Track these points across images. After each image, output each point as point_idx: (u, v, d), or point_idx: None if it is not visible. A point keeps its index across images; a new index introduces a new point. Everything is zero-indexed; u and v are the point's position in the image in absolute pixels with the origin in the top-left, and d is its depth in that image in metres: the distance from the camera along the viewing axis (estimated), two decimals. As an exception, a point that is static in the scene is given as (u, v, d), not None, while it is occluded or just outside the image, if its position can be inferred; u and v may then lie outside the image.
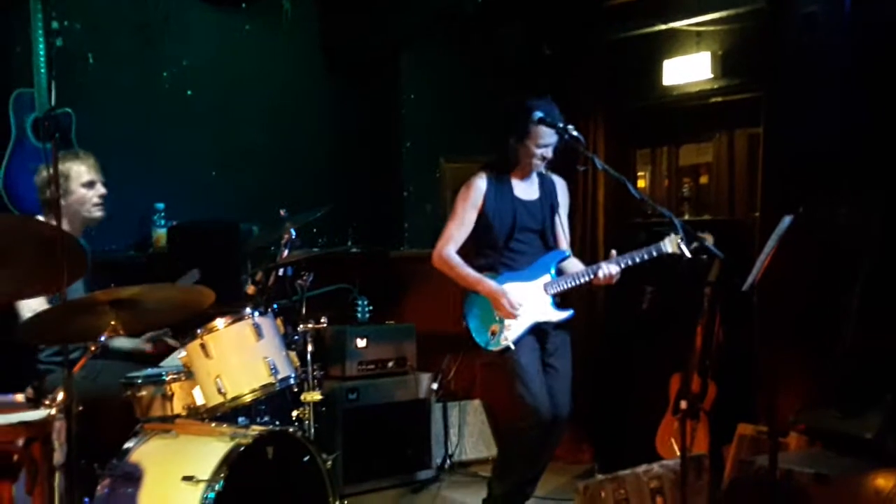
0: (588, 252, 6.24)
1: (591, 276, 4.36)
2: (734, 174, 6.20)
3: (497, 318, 4.41)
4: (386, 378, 5.70)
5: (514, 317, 4.35)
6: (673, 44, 6.00)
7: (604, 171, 4.21)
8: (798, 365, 4.97)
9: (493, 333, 4.38)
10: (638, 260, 4.32)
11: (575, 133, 4.20)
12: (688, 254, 3.91)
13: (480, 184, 4.46)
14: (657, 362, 5.65)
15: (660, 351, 5.67)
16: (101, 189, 4.35)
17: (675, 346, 5.27)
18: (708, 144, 6.40)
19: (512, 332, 4.38)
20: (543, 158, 4.41)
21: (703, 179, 6.50)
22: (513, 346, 4.37)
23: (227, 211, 5.69)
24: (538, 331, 4.43)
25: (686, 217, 6.18)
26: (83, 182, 4.30)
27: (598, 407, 6.10)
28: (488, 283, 4.40)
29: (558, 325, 4.51)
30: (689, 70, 5.90)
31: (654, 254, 4.27)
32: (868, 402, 4.40)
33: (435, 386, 5.82)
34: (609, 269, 4.31)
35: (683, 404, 3.95)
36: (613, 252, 4.35)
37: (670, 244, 4.22)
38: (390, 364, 5.75)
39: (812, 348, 4.93)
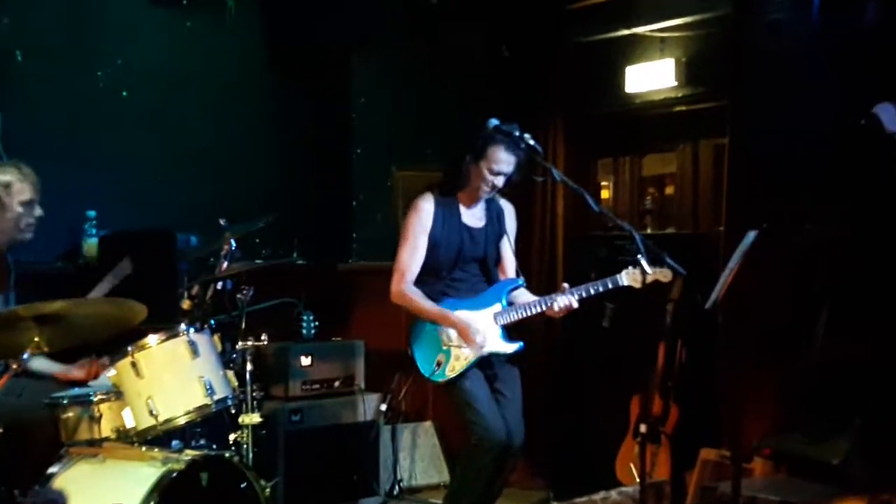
0: (547, 266, 6.25)
1: (546, 307, 4.36)
2: (698, 186, 6.24)
3: (443, 349, 4.40)
4: (332, 398, 5.67)
5: (478, 348, 4.34)
6: (636, 49, 6.03)
7: (563, 183, 4.20)
8: (763, 386, 5.00)
9: (439, 364, 4.38)
10: (592, 292, 4.32)
11: (532, 142, 4.19)
12: (649, 272, 3.91)
13: (427, 206, 4.43)
14: (617, 383, 5.66)
15: (620, 371, 5.69)
16: (38, 211, 4.30)
17: (636, 365, 5.30)
18: (672, 154, 6.44)
19: (459, 363, 4.38)
20: (493, 187, 4.39)
21: (669, 190, 6.54)
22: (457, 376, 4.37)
23: (163, 220, 5.63)
24: (484, 361, 4.43)
25: (648, 231, 6.20)
26: (22, 200, 4.25)
27: (553, 430, 6.08)
28: (454, 315, 4.39)
29: (509, 359, 4.50)
30: (652, 77, 5.93)
31: (610, 286, 4.28)
32: (835, 425, 4.42)
33: (384, 407, 5.79)
34: (567, 299, 4.31)
35: (644, 427, 3.96)
36: (565, 285, 4.35)
37: (627, 277, 4.23)
38: (337, 383, 5.72)
39: (778, 369, 4.97)
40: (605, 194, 6.86)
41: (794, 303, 4.89)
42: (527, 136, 4.23)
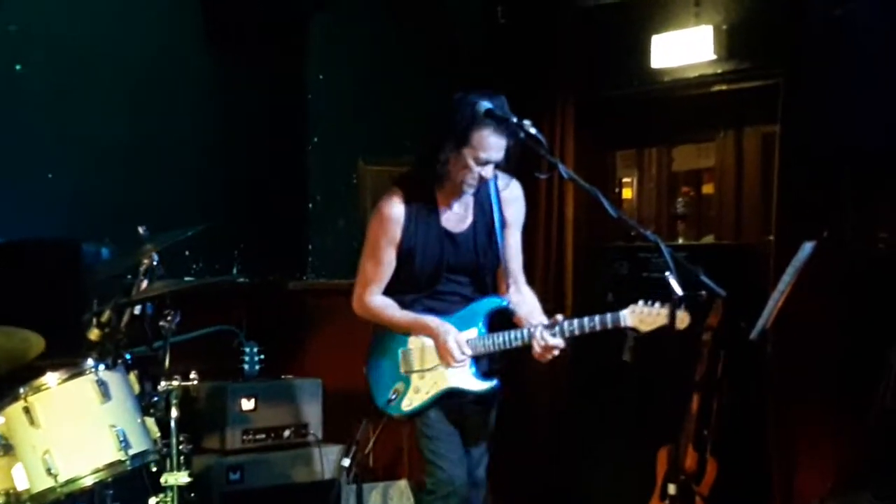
0: (553, 285, 6.25)
1: (523, 341, 4.32)
2: (742, 185, 6.24)
3: (402, 376, 4.39)
4: (281, 452, 5.66)
5: (453, 363, 4.31)
6: (664, 15, 6.03)
7: (571, 181, 4.16)
8: (823, 436, 5.01)
9: (396, 393, 4.37)
10: (587, 330, 4.28)
11: (533, 131, 4.14)
12: (678, 290, 3.88)
13: (396, 212, 4.38)
14: (639, 431, 5.65)
15: (643, 416, 5.67)
16: None
17: (664, 410, 5.29)
18: (709, 145, 6.44)
19: (418, 396, 4.37)
20: (481, 180, 4.35)
21: (707, 189, 6.54)
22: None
23: (66, 226, 5.61)
24: (451, 398, 4.40)
25: (680, 240, 6.19)
26: None
27: (558, 489, 6.07)
28: (428, 320, 4.36)
29: (478, 401, 4.46)
30: (684, 49, 5.92)
31: (609, 325, 4.23)
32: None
33: (347, 462, 5.72)
34: (547, 339, 4.26)
35: (673, 488, 3.93)
36: (559, 317, 4.30)
37: (631, 317, 4.19)
38: (287, 433, 5.72)
39: (842, 414, 4.98)
40: (627, 194, 6.88)
41: (862, 332, 4.88)
42: (527, 122, 4.19)
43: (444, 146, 4.28)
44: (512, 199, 4.51)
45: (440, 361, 4.35)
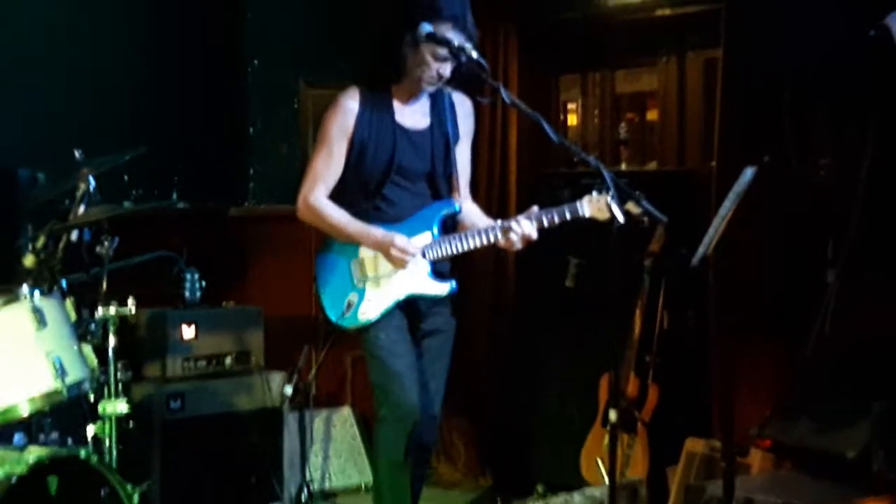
0: (497, 210, 6.21)
1: (494, 237, 4.31)
2: (685, 110, 6.24)
3: (356, 287, 4.37)
4: (222, 379, 5.64)
5: (405, 266, 4.31)
6: (607, -67, 5.98)
7: (514, 107, 4.14)
8: (763, 362, 5.07)
9: (350, 306, 4.36)
10: (556, 221, 4.28)
11: (475, 55, 4.13)
12: (620, 217, 3.88)
13: (351, 104, 4.36)
14: (582, 358, 5.68)
15: (585, 343, 5.71)
16: None
17: (606, 336, 5.31)
18: (652, 70, 6.43)
19: (373, 305, 4.35)
20: (440, 78, 4.33)
21: (652, 115, 6.55)
22: (371, 322, 4.35)
23: (0, 152, 5.50)
24: (410, 307, 4.40)
25: (623, 166, 6.21)
26: None
27: (502, 416, 6.12)
28: (375, 231, 4.34)
29: (437, 302, 4.47)
30: (628, -28, 5.88)
31: (568, 216, 4.24)
32: (852, 411, 4.47)
33: (289, 389, 5.73)
34: (523, 227, 4.26)
35: (614, 413, 3.95)
36: (535, 208, 4.31)
37: (588, 206, 4.20)
38: (228, 360, 5.69)
39: (782, 340, 5.03)
40: (572, 120, 6.88)
41: (803, 259, 4.92)
42: (468, 46, 4.16)
43: (400, 42, 4.26)
44: (465, 113, 4.55)
45: (394, 267, 4.34)
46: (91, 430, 4.32)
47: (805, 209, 4.92)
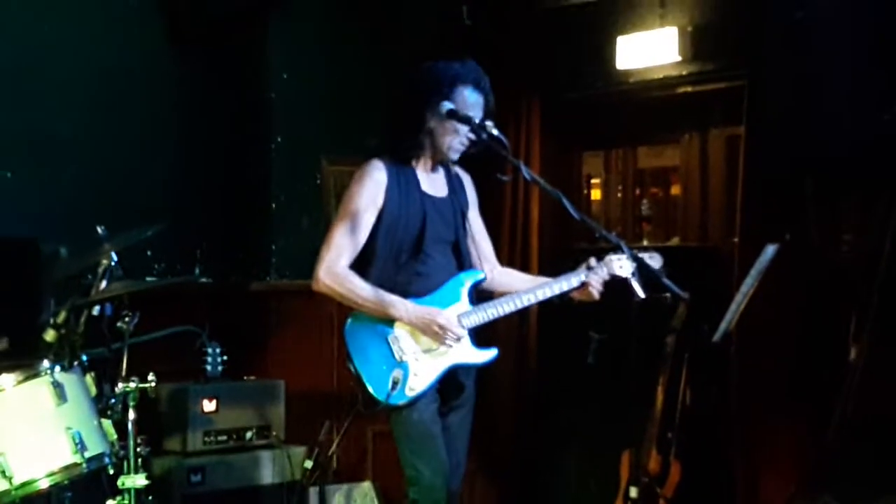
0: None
1: (570, 288, 4.33)
2: (707, 186, 6.26)
3: (399, 362, 4.30)
4: (243, 454, 5.63)
5: (453, 341, 4.28)
6: (630, 16, 6.04)
7: (534, 183, 4.15)
8: (786, 438, 5.03)
9: (396, 383, 4.24)
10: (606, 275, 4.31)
11: (495, 132, 4.15)
12: (640, 293, 3.88)
13: (379, 175, 4.33)
14: (603, 434, 5.64)
15: (607, 419, 5.67)
16: None
17: (628, 412, 5.29)
18: (674, 146, 6.46)
19: (420, 379, 4.28)
20: (467, 143, 4.34)
21: (674, 191, 6.58)
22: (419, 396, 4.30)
23: (23, 226, 5.56)
24: (446, 378, 4.36)
25: (645, 242, 6.20)
26: None
27: (523, 492, 6.07)
28: (409, 303, 4.29)
29: (469, 373, 4.45)
30: (650, 50, 5.93)
31: (606, 275, 4.27)
32: (875, 490, 4.42)
33: (310, 464, 5.71)
34: (601, 275, 4.31)
35: (635, 491, 3.92)
36: (592, 260, 4.38)
37: (613, 264, 4.26)
38: (249, 434, 5.68)
39: (805, 417, 4.98)
40: (595, 194, 6.89)
41: (826, 336, 4.89)
42: (489, 123, 4.19)
43: (424, 115, 4.30)
44: (469, 184, 4.59)
45: (420, 355, 4.30)
46: (110, 504, 4.32)
47: (827, 285, 4.90)
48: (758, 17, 5.34)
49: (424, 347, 4.31)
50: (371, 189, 4.32)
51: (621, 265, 4.22)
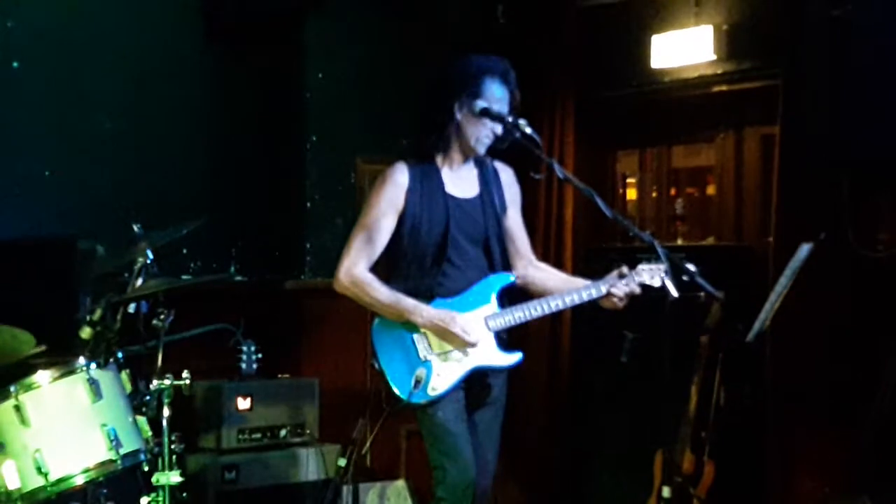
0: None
1: (597, 296, 4.28)
2: (742, 185, 6.23)
3: (423, 361, 4.30)
4: (277, 451, 5.64)
5: (469, 345, 4.27)
6: (665, 15, 6.04)
7: (567, 182, 4.14)
8: (820, 438, 5.00)
9: (419, 381, 4.25)
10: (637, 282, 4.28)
11: (528, 130, 4.14)
12: (674, 292, 3.86)
13: (401, 178, 4.34)
14: (637, 433, 5.63)
15: (640, 418, 5.65)
16: None
17: (661, 412, 5.27)
18: (709, 147, 6.43)
19: (443, 379, 4.29)
20: (493, 136, 4.33)
21: (709, 190, 6.56)
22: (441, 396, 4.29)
23: (62, 223, 5.60)
24: (471, 378, 4.36)
25: (679, 242, 6.17)
26: None
27: (556, 492, 6.05)
28: (425, 308, 4.29)
29: (496, 373, 4.44)
30: (685, 49, 5.92)
31: (645, 280, 4.23)
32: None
33: (343, 462, 5.72)
34: (630, 286, 4.23)
35: (668, 490, 3.90)
36: (624, 268, 4.30)
37: (644, 274, 4.19)
38: (283, 432, 5.69)
39: (841, 417, 4.95)
40: (631, 194, 6.88)
41: (862, 335, 4.86)
42: (522, 122, 4.18)
43: (452, 108, 4.30)
44: (509, 181, 4.54)
45: (446, 355, 4.30)
46: (145, 501, 4.31)
47: (862, 285, 4.87)
48: (793, 15, 5.32)
49: (448, 348, 4.31)
50: (391, 192, 4.33)
51: (652, 275, 4.18)
